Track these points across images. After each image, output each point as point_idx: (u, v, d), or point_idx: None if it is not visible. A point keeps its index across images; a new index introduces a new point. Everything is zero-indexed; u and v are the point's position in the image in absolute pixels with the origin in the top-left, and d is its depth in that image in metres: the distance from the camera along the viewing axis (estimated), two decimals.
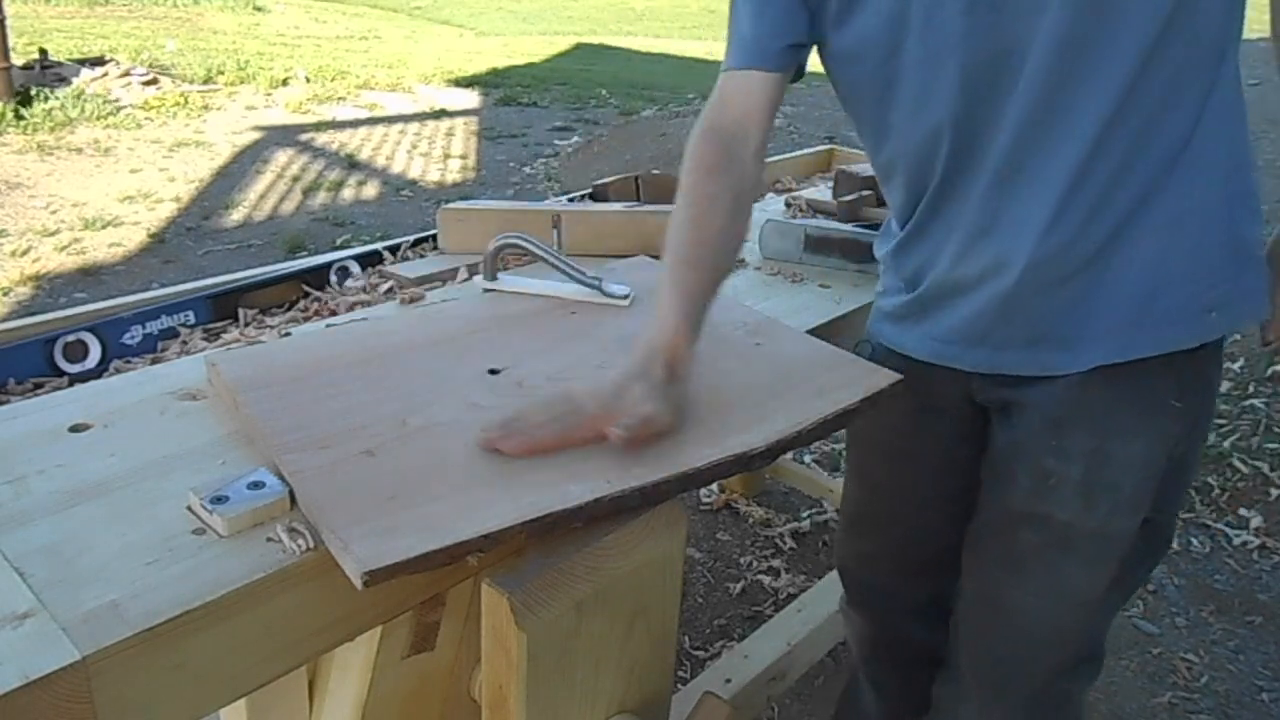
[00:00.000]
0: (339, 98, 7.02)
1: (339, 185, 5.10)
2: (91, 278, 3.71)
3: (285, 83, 7.20)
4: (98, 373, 1.11)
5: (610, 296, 1.11)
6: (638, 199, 1.68)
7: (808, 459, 2.62)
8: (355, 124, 6.45)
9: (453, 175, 5.47)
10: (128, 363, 1.13)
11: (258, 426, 0.81)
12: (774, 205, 1.78)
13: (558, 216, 1.39)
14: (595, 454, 0.79)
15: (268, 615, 0.67)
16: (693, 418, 0.86)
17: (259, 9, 11.73)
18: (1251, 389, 2.81)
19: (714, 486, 2.43)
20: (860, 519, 1.27)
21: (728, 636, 1.97)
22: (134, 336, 1.15)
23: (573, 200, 1.69)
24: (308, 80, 7.34)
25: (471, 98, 7.52)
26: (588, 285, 1.11)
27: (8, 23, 5.55)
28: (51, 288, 3.59)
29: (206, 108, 6.34)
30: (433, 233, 1.47)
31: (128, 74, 6.50)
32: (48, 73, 6.22)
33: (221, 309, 1.24)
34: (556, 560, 0.71)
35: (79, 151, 5.15)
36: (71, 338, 1.11)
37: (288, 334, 1.13)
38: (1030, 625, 1.04)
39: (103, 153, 5.18)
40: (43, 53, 6.43)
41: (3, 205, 4.31)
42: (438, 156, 5.83)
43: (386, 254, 1.42)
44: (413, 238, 1.49)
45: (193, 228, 4.35)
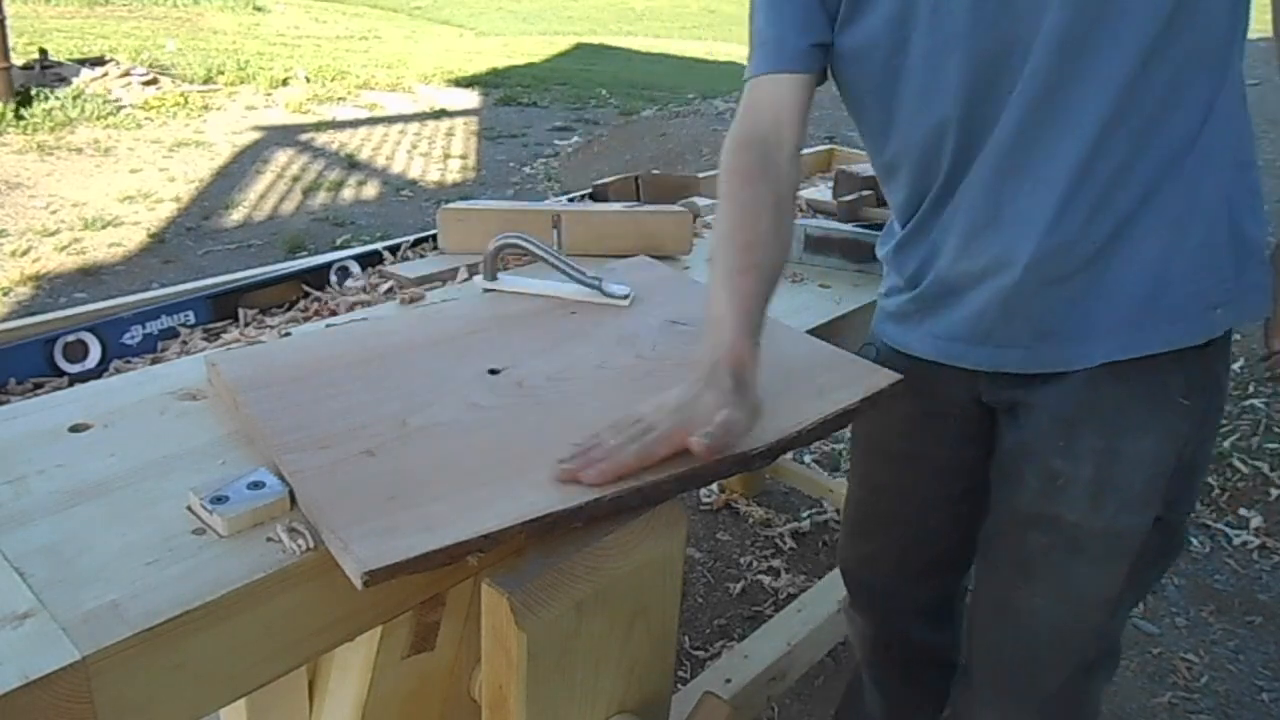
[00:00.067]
0: (339, 98, 7.03)
1: (339, 185, 5.11)
2: (91, 278, 3.71)
3: (285, 83, 7.20)
4: (98, 373, 1.11)
5: (610, 296, 1.11)
6: (638, 199, 1.68)
7: (808, 459, 2.62)
8: (355, 124, 6.45)
9: (453, 175, 5.47)
10: (128, 363, 1.13)
11: (258, 426, 0.81)
12: None
13: (558, 216, 1.39)
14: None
15: (268, 615, 0.67)
16: None
17: (259, 9, 11.73)
18: (1251, 389, 2.80)
19: (714, 486, 2.43)
20: (863, 521, 1.27)
21: (728, 636, 1.97)
22: (134, 336, 1.15)
23: (573, 200, 1.69)
24: (308, 80, 7.34)
25: (471, 98, 7.53)
26: (588, 285, 1.11)
27: (8, 23, 5.55)
28: (51, 288, 3.59)
29: (206, 108, 6.34)
30: (433, 233, 1.47)
31: (128, 74, 6.50)
32: (48, 73, 6.22)
33: (221, 309, 1.24)
34: (556, 560, 0.71)
35: (79, 151, 5.15)
36: (71, 338, 1.10)
37: (288, 334, 1.13)
38: (1043, 629, 1.03)
39: (103, 153, 5.18)
40: (43, 53, 6.43)
41: (3, 205, 4.31)
42: (438, 156, 5.83)
43: (386, 254, 1.42)
44: (413, 238, 1.49)
45: (193, 228, 4.35)
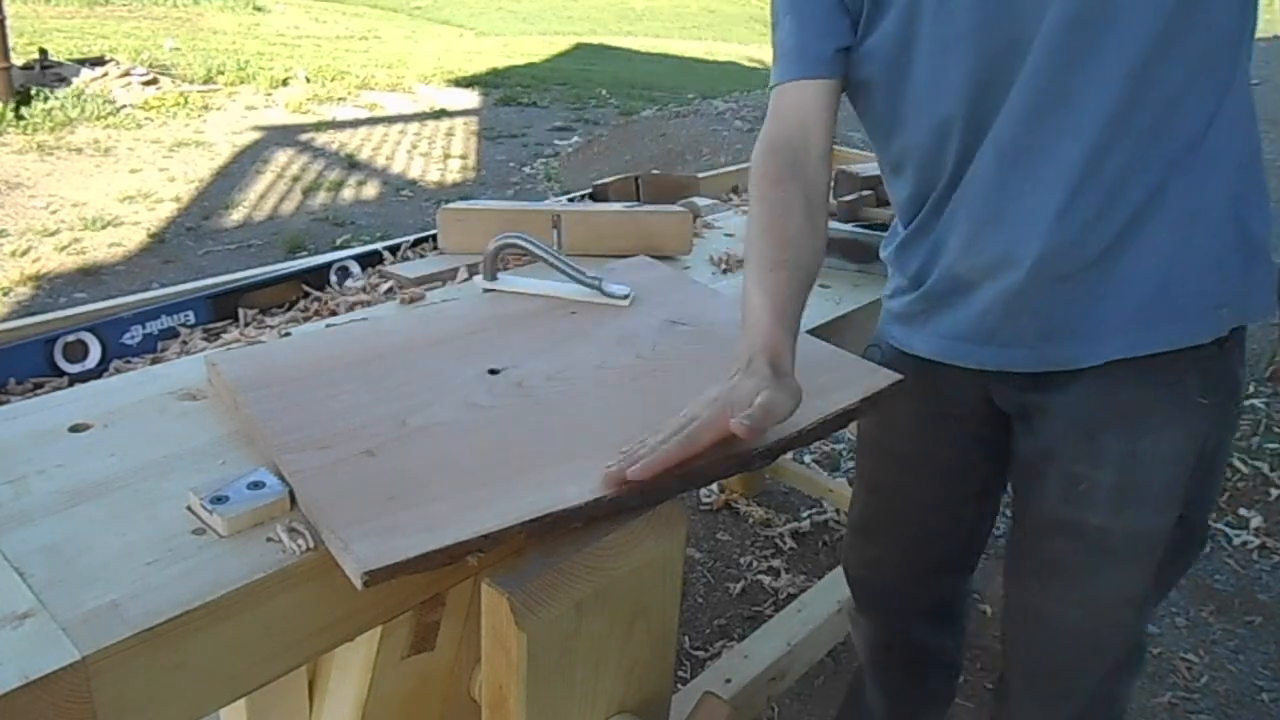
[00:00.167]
0: (339, 98, 7.03)
1: (339, 185, 5.11)
2: (91, 278, 3.71)
3: (285, 83, 7.20)
4: (98, 373, 1.11)
5: (610, 296, 1.10)
6: (638, 199, 1.68)
7: (808, 459, 2.62)
8: (355, 124, 6.45)
9: (453, 175, 5.47)
10: (128, 363, 1.13)
11: (258, 426, 0.81)
12: None
13: (558, 216, 1.39)
14: (595, 453, 0.79)
15: (268, 615, 0.67)
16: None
17: (259, 9, 11.73)
18: (1251, 389, 2.80)
19: (714, 486, 2.43)
20: (868, 524, 1.27)
21: (728, 636, 1.97)
22: (134, 336, 1.15)
23: (573, 200, 1.69)
24: (308, 80, 7.34)
25: (471, 98, 7.53)
26: (588, 285, 1.11)
27: (8, 23, 5.55)
28: (51, 288, 3.59)
29: (206, 108, 6.34)
30: (433, 233, 1.47)
31: (128, 74, 6.50)
32: (48, 73, 6.22)
33: (221, 309, 1.24)
34: (556, 560, 0.71)
35: (79, 151, 5.15)
36: (71, 338, 1.10)
37: (288, 334, 1.13)
38: (1073, 633, 1.03)
39: (103, 153, 5.18)
40: (43, 53, 6.43)
41: (3, 205, 4.31)
42: (438, 156, 5.83)
43: (386, 254, 1.42)
44: (413, 238, 1.49)
45: (193, 228, 4.35)
